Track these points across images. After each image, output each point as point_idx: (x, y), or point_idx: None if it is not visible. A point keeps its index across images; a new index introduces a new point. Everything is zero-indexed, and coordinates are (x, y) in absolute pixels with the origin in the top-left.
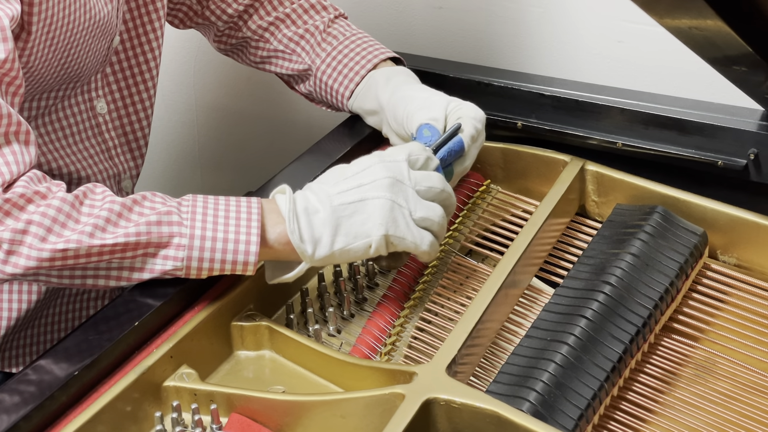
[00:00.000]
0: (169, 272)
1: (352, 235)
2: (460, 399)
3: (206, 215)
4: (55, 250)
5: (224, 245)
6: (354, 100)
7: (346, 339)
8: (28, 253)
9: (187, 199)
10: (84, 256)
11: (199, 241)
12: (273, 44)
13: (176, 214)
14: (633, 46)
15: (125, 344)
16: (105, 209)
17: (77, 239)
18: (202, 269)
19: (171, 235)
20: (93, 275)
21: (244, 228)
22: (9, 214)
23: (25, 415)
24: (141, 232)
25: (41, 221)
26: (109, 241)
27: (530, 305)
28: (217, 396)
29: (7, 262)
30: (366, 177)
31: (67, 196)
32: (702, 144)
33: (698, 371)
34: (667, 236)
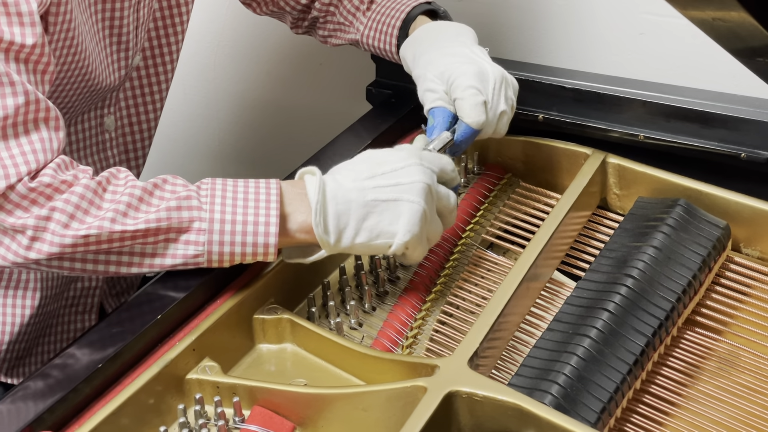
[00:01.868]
0: (191, 259)
1: (377, 232)
2: (482, 392)
3: (225, 198)
4: (77, 236)
5: (243, 227)
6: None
7: (367, 332)
8: (51, 239)
9: (206, 183)
10: (106, 242)
11: (219, 225)
12: (337, 18)
13: (195, 198)
14: (655, 38)
15: (148, 337)
16: (126, 194)
17: (99, 225)
18: (223, 254)
19: (191, 220)
20: (116, 261)
21: (263, 210)
22: (35, 203)
23: (50, 407)
24: (161, 218)
25: (64, 208)
26: (129, 227)
27: (552, 298)
28: (239, 389)
29: (31, 248)
30: (404, 177)
31: (90, 182)
32: (725, 136)
33: (721, 364)
34: (690, 229)
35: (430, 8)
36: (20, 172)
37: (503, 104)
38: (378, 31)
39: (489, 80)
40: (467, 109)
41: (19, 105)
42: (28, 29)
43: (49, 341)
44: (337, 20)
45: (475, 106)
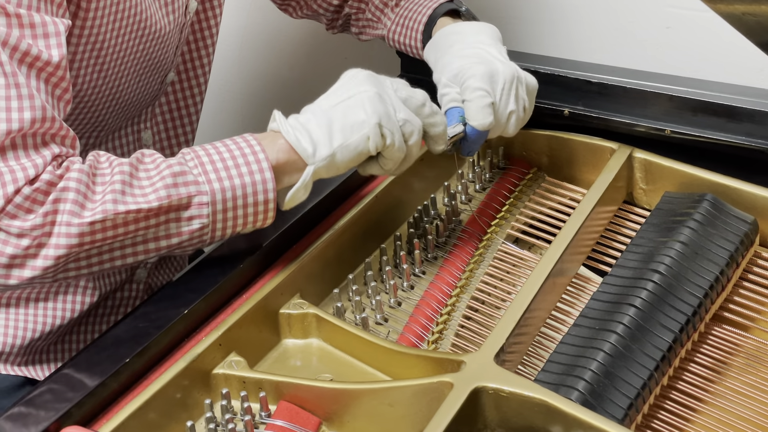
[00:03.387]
0: (196, 233)
1: (348, 128)
2: (508, 388)
3: (215, 164)
4: (83, 224)
5: (243, 190)
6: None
7: (393, 327)
8: (58, 231)
9: (188, 153)
10: (111, 227)
11: (220, 194)
12: (366, 14)
13: (189, 173)
14: (681, 32)
15: (174, 332)
16: (117, 175)
17: (102, 209)
18: (227, 220)
19: (190, 195)
20: (120, 248)
21: (255, 166)
22: (36, 201)
23: (77, 402)
24: (161, 196)
25: (66, 197)
26: (132, 206)
27: (578, 294)
28: (265, 384)
29: (38, 254)
30: (349, 80)
31: (83, 167)
32: (752, 131)
33: (749, 360)
34: (717, 224)
35: (453, 7)
36: (28, 175)
37: (512, 104)
38: (404, 27)
39: (498, 80)
40: (473, 112)
41: (36, 119)
42: (55, 49)
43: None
44: (367, 17)
45: (482, 109)
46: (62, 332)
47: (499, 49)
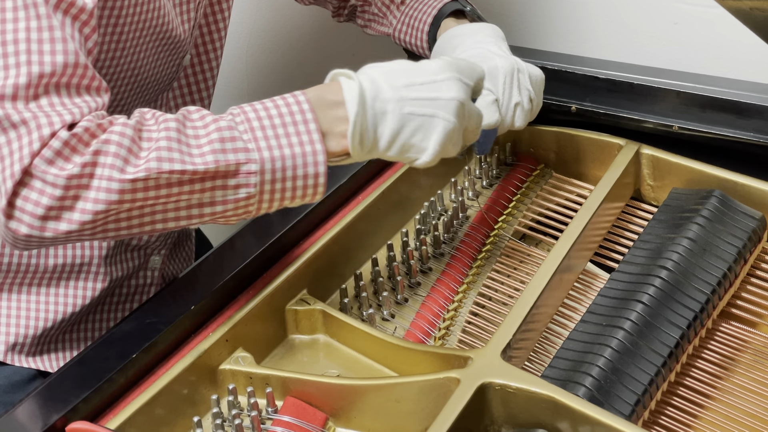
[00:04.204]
0: (242, 203)
1: (408, 146)
2: (515, 384)
3: (264, 129)
4: (124, 180)
5: (293, 161)
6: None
7: (400, 323)
8: (98, 185)
9: (239, 114)
10: (153, 187)
11: (270, 163)
12: (372, 8)
13: (240, 139)
14: (689, 27)
15: (181, 328)
16: (163, 132)
17: (146, 167)
18: (275, 192)
19: (238, 162)
20: (162, 213)
21: (306, 137)
22: (75, 150)
23: (85, 397)
24: (208, 161)
25: (108, 150)
26: (177, 166)
27: (585, 290)
28: (272, 379)
29: (74, 206)
30: (444, 91)
31: (128, 121)
32: (760, 127)
33: (756, 356)
34: (725, 220)
35: (458, 7)
36: (65, 120)
37: (516, 95)
38: (410, 26)
39: (498, 75)
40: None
41: (68, 64)
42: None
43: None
44: (372, 11)
45: (485, 108)
46: (75, 320)
47: (499, 45)
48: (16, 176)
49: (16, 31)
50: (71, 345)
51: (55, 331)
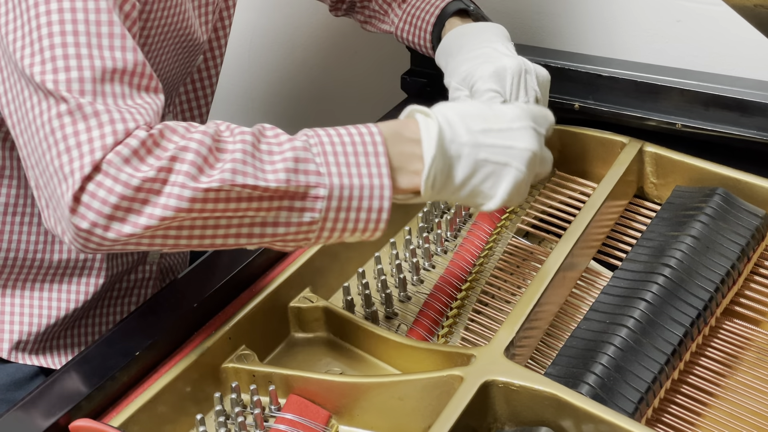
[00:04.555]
0: (304, 227)
1: (477, 192)
2: (518, 381)
3: (337, 155)
4: (198, 189)
5: (360, 192)
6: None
7: (403, 321)
8: (173, 191)
9: (313, 137)
10: (224, 200)
11: (338, 191)
12: (373, 5)
13: (312, 161)
14: (692, 25)
15: (184, 326)
16: (239, 144)
17: (220, 178)
18: (338, 221)
19: (308, 185)
20: (224, 228)
21: (375, 168)
22: (150, 152)
23: (87, 395)
24: (280, 179)
25: (185, 157)
26: (250, 181)
27: (588, 288)
28: (275, 377)
29: (142, 211)
30: (519, 140)
31: (207, 129)
32: (764, 125)
33: (760, 354)
34: (728, 218)
35: (462, 6)
36: (136, 119)
37: (523, 96)
38: (412, 25)
39: (506, 76)
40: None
41: (137, 62)
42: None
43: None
44: (373, 7)
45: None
46: (77, 316)
47: (506, 44)
48: (85, 169)
49: (85, 23)
50: (73, 342)
51: (58, 328)
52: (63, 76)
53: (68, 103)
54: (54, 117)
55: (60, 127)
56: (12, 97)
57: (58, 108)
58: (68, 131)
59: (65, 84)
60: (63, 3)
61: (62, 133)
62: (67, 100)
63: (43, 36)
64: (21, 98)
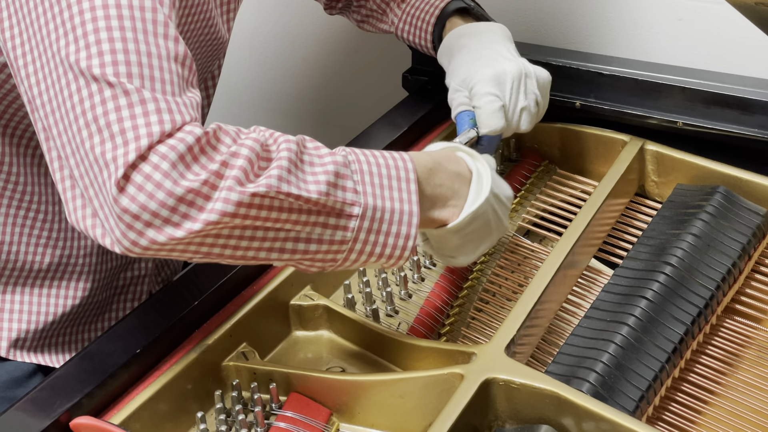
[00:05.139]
0: (335, 246)
1: (471, 248)
2: (519, 379)
3: (372, 175)
4: (245, 193)
5: (391, 216)
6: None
7: (404, 319)
8: (220, 195)
9: (351, 155)
10: (267, 207)
11: (371, 212)
12: (370, 4)
13: (350, 178)
14: (694, 23)
15: (185, 323)
16: (284, 151)
17: (267, 183)
18: (367, 243)
19: (344, 202)
20: (260, 241)
21: (405, 194)
22: (203, 151)
23: (88, 392)
24: (321, 191)
25: (234, 163)
26: (294, 190)
27: (589, 286)
28: (276, 375)
29: (198, 206)
30: (505, 217)
31: (258, 136)
32: (765, 123)
33: (761, 353)
34: (729, 216)
35: (462, 5)
36: (183, 114)
37: (523, 100)
38: (412, 25)
39: (506, 80)
40: (484, 118)
41: (183, 53)
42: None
43: (96, 327)
44: (370, 6)
45: (492, 114)
46: (75, 314)
47: (507, 46)
48: (129, 156)
49: (129, 8)
50: (72, 339)
51: (56, 326)
52: (109, 58)
53: (114, 89)
54: (98, 103)
55: (104, 113)
56: (48, 85)
57: (102, 94)
58: (112, 117)
59: (112, 67)
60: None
61: (105, 120)
62: (113, 85)
63: (86, 23)
64: (60, 85)
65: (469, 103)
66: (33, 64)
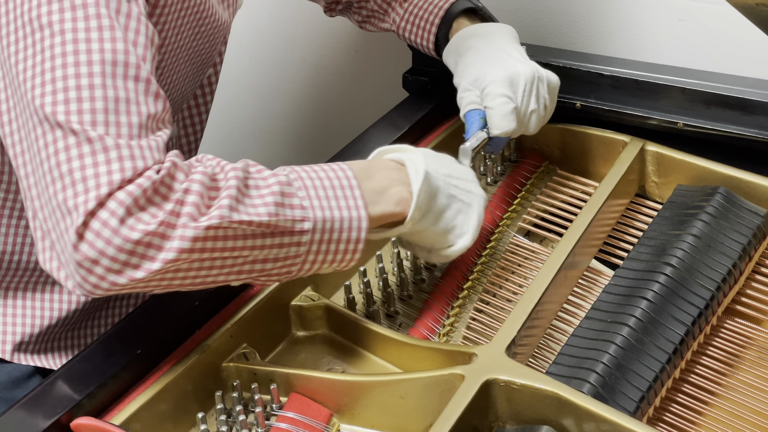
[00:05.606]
0: (289, 261)
1: (452, 225)
2: (520, 380)
3: (317, 189)
4: (199, 227)
5: (340, 224)
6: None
7: (404, 320)
8: (175, 233)
9: (292, 173)
10: (222, 237)
11: (321, 224)
12: (371, 5)
13: (296, 195)
14: (694, 24)
15: (186, 324)
16: (232, 180)
17: (219, 215)
18: (318, 253)
19: (294, 219)
20: (218, 269)
21: (351, 200)
22: (158, 192)
23: (89, 393)
24: (271, 212)
25: (189, 200)
26: (245, 217)
27: (589, 287)
28: (277, 376)
29: (157, 255)
30: (474, 188)
31: (204, 179)
32: (765, 123)
33: (761, 353)
34: (730, 217)
35: (469, 6)
36: (146, 158)
37: (533, 103)
38: (415, 25)
39: (519, 83)
40: (497, 120)
41: (158, 109)
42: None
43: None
44: (371, 7)
45: (504, 117)
46: (77, 318)
47: (518, 48)
48: (89, 204)
49: (100, 52)
50: (74, 343)
51: (58, 329)
52: (75, 107)
53: (77, 136)
54: (61, 149)
55: (67, 160)
56: (18, 127)
57: (65, 141)
58: (75, 165)
59: (77, 115)
60: (78, 33)
61: (68, 167)
62: (76, 132)
63: (56, 67)
64: (27, 127)
65: (480, 102)
66: (6, 103)
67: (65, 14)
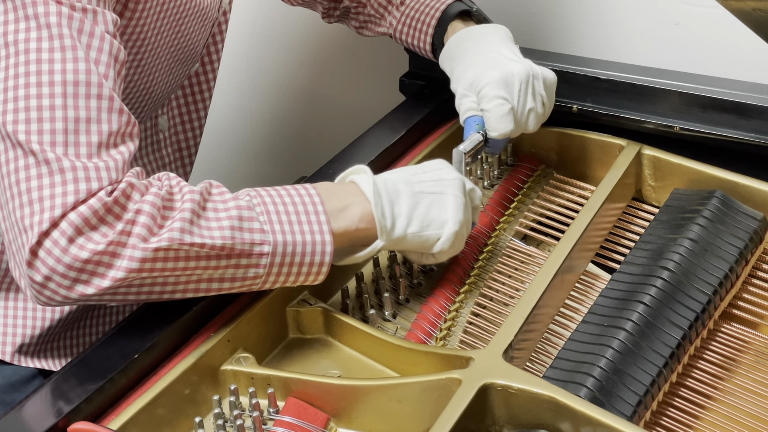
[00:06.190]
0: (248, 281)
1: (428, 221)
2: (517, 384)
3: (279, 214)
4: (147, 249)
5: (303, 248)
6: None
7: (401, 324)
8: (125, 253)
9: (255, 197)
10: (172, 259)
11: (281, 247)
12: (368, 10)
13: (256, 219)
14: (690, 28)
15: (183, 328)
16: (188, 202)
17: (169, 237)
18: (280, 274)
19: (253, 243)
20: (172, 285)
21: (316, 225)
22: (110, 212)
23: (87, 397)
24: (225, 236)
25: (140, 220)
26: (197, 239)
27: (586, 291)
28: (274, 380)
29: (106, 274)
30: (445, 174)
31: (156, 200)
32: (762, 127)
33: (758, 357)
34: (727, 221)
35: (464, 8)
36: (102, 178)
37: (530, 102)
38: (412, 27)
39: (514, 82)
40: (493, 122)
41: (122, 124)
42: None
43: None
44: (368, 12)
45: (501, 118)
46: (75, 318)
47: (511, 48)
48: (43, 225)
49: (62, 73)
50: (72, 344)
51: (57, 330)
52: (35, 127)
53: (36, 156)
54: (21, 168)
55: (26, 179)
56: None
57: (26, 160)
58: (33, 185)
59: (37, 135)
60: (42, 54)
61: (27, 186)
62: (35, 153)
63: (19, 86)
64: None
65: (477, 107)
66: None
67: (31, 33)
